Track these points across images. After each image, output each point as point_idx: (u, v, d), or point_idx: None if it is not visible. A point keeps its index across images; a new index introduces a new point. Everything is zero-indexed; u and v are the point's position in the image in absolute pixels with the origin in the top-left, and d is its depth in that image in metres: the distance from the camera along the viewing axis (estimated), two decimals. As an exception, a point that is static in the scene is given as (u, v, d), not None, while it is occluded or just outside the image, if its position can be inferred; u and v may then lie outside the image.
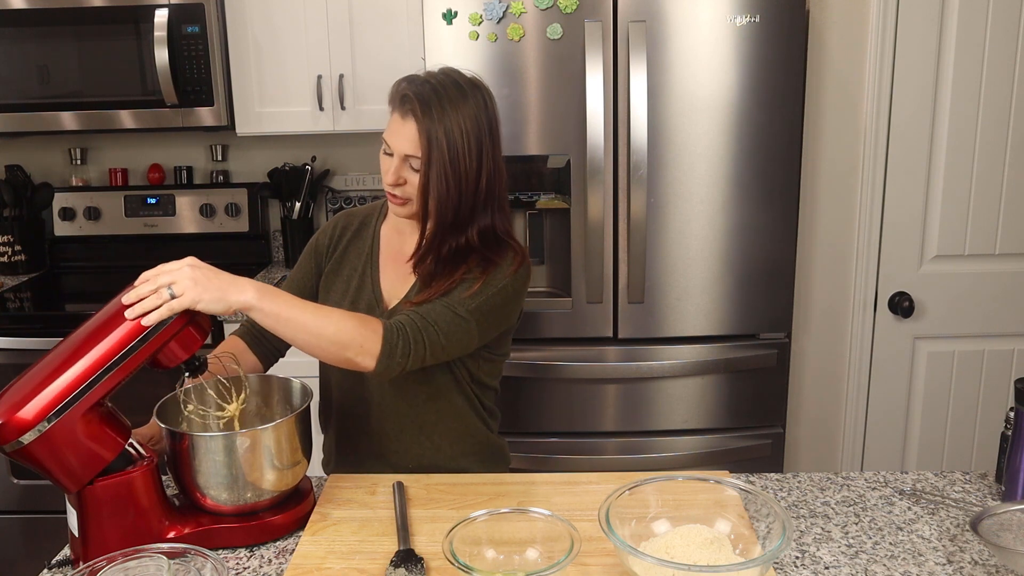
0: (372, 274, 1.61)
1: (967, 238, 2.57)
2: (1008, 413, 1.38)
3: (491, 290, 1.49)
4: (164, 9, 2.63)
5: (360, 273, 1.62)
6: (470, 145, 1.46)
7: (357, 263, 1.63)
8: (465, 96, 1.47)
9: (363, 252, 1.64)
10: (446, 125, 1.44)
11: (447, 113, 1.44)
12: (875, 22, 2.46)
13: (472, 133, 1.46)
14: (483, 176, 1.49)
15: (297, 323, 1.32)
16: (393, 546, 1.27)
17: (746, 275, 2.39)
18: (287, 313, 1.31)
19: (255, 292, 1.30)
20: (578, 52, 2.26)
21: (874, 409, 2.70)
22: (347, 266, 1.64)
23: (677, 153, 2.32)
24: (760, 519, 1.20)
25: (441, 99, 1.45)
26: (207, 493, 1.29)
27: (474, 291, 1.48)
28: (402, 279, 1.59)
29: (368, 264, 1.62)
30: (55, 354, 1.22)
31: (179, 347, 1.29)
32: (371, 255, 1.63)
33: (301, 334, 1.33)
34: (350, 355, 1.36)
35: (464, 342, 1.49)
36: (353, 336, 1.35)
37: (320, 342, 1.34)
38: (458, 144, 1.45)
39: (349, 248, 1.66)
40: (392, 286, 1.60)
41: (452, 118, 1.45)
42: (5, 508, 2.66)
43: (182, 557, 1.15)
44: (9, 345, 2.56)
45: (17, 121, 2.76)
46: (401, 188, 1.50)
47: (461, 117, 1.45)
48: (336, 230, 1.68)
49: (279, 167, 3.05)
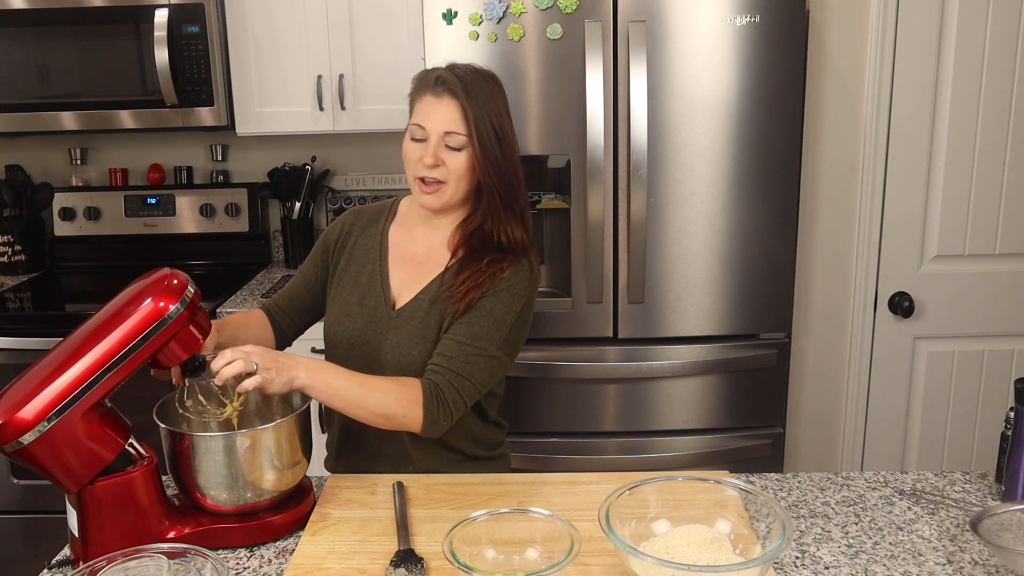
0: (381, 273, 1.61)
1: (967, 238, 2.57)
2: (1008, 413, 1.38)
3: (512, 315, 1.51)
4: (164, 9, 2.63)
5: (368, 271, 1.62)
6: (505, 133, 1.50)
7: (365, 260, 1.63)
8: (493, 87, 1.51)
9: (371, 250, 1.64)
10: (486, 109, 1.47)
11: (484, 97, 1.48)
12: (875, 22, 2.46)
13: (506, 121, 1.50)
14: (516, 165, 1.53)
15: (345, 397, 1.40)
16: (393, 546, 1.27)
17: (746, 275, 2.39)
18: (337, 387, 1.39)
19: (307, 372, 1.36)
20: (578, 52, 2.26)
21: (874, 409, 2.70)
22: (355, 263, 1.64)
23: (677, 153, 2.32)
24: (760, 519, 1.20)
25: (476, 84, 1.48)
26: (207, 493, 1.29)
27: (497, 319, 1.50)
28: (412, 281, 1.59)
29: (377, 263, 1.62)
30: (55, 354, 1.22)
31: (179, 347, 1.29)
32: (380, 254, 1.63)
33: (350, 407, 1.41)
34: (396, 424, 1.44)
35: (498, 375, 1.55)
36: (395, 409, 1.42)
37: (367, 414, 1.42)
38: (495, 129, 1.48)
39: (357, 245, 1.66)
40: (402, 286, 1.59)
41: (489, 103, 1.48)
42: (5, 508, 2.66)
43: (182, 557, 1.15)
44: (9, 345, 2.56)
45: (17, 121, 2.76)
46: (438, 170, 1.48)
47: (496, 105, 1.49)
48: (345, 226, 1.68)
49: (279, 167, 3.05)
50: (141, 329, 1.23)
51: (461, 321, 1.50)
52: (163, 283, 1.28)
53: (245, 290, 2.77)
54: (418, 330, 1.54)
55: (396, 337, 1.55)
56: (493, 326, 1.49)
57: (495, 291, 1.50)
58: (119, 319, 1.24)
